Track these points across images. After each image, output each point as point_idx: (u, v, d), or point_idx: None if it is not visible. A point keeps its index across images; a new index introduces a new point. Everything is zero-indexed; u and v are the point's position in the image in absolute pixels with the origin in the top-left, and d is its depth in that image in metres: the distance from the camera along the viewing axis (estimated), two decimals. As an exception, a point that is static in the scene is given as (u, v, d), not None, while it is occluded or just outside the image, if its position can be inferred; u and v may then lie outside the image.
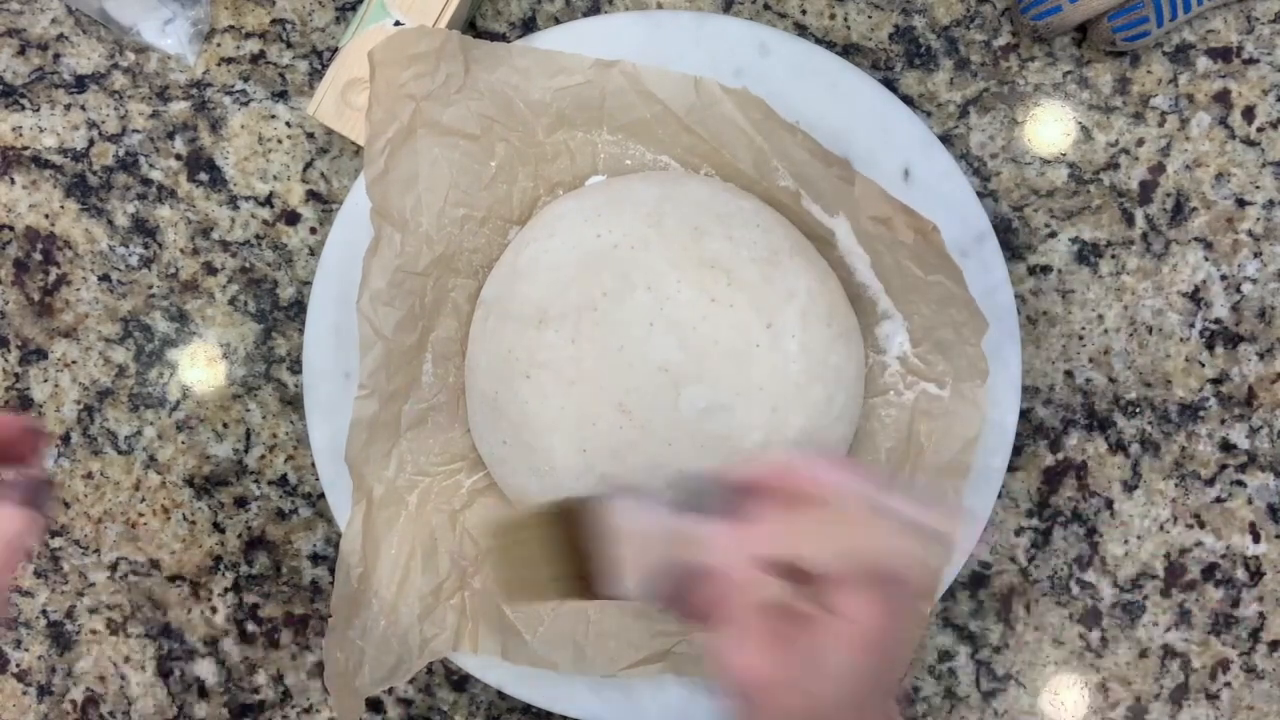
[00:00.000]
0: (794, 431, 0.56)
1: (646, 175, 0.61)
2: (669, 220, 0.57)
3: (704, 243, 0.57)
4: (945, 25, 0.66)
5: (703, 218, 0.57)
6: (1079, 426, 0.66)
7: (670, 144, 0.62)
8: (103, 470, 0.68)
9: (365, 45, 0.61)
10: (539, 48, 0.61)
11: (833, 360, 0.57)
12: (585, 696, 0.63)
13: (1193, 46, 0.66)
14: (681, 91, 0.60)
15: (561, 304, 0.57)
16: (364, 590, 0.60)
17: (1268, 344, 0.66)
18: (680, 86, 0.60)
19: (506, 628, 0.61)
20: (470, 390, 0.61)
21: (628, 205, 0.58)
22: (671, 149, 0.62)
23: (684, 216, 0.57)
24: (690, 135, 0.61)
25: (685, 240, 0.57)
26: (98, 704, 0.69)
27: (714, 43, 0.62)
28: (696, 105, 0.60)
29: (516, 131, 0.61)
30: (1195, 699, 0.67)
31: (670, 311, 0.56)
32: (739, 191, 0.60)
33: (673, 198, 0.58)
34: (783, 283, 0.57)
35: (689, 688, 0.62)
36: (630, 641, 0.61)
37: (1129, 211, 0.66)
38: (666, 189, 0.59)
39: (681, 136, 0.61)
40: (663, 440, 0.56)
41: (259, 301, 0.67)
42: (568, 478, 0.57)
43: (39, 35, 0.67)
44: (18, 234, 0.68)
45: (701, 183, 0.60)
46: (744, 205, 0.59)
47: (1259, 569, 0.67)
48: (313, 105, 0.62)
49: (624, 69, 0.60)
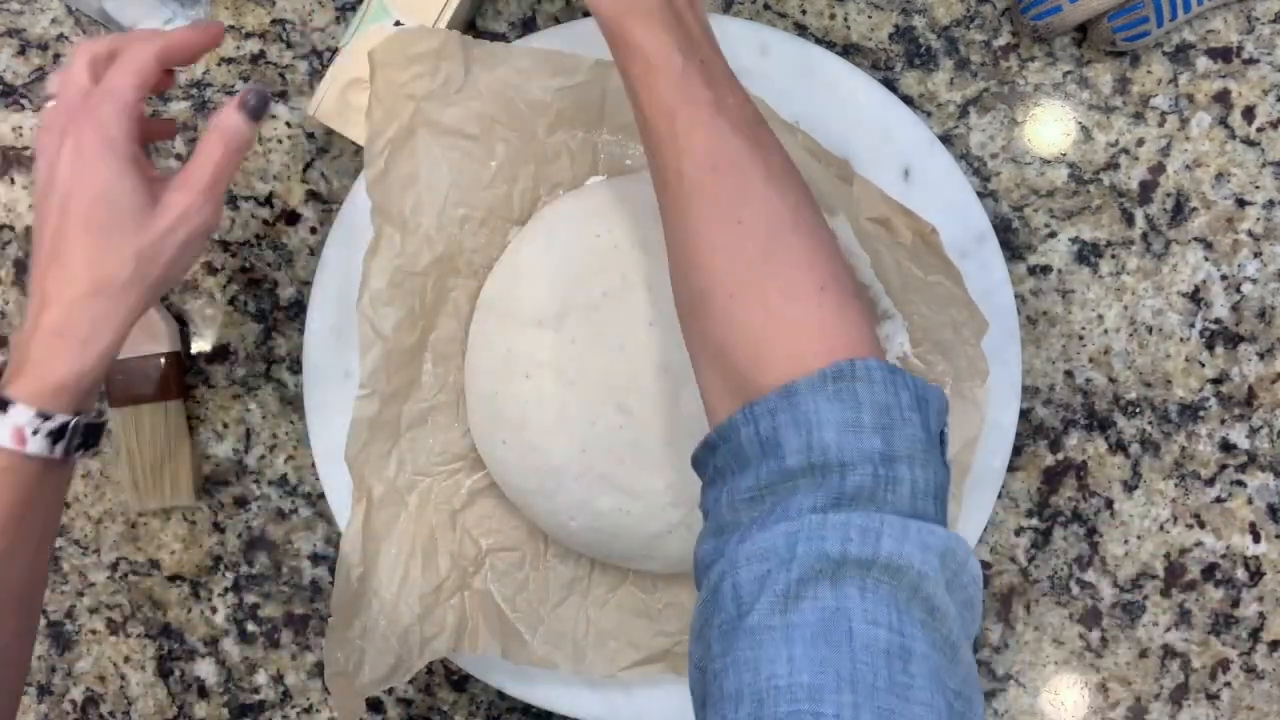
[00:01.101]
0: None
1: (646, 175, 0.61)
2: None
3: None
4: (945, 25, 0.66)
5: None
6: (1079, 426, 0.66)
7: None
8: (102, 470, 0.68)
9: (365, 45, 0.61)
10: (539, 48, 0.61)
11: None
12: (585, 696, 0.63)
13: (1193, 46, 0.66)
14: None
15: (561, 304, 0.57)
16: (364, 590, 0.60)
17: (1268, 344, 0.66)
18: None
19: (506, 628, 0.61)
20: (470, 390, 0.61)
21: (628, 206, 0.58)
22: None
23: None
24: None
25: None
26: (98, 704, 0.69)
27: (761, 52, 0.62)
28: None
29: (516, 131, 0.61)
30: (1195, 699, 0.67)
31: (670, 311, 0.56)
32: None
33: None
34: None
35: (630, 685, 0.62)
36: (630, 641, 0.61)
37: (1129, 211, 0.66)
38: None
39: None
40: (663, 440, 0.56)
41: (259, 301, 0.67)
42: (568, 478, 0.57)
43: (39, 35, 0.67)
44: (18, 234, 0.68)
45: None
46: None
47: (1259, 569, 0.67)
48: (313, 105, 0.62)
49: None
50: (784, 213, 0.45)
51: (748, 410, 0.42)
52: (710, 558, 0.42)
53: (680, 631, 0.61)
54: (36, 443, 0.49)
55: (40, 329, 0.49)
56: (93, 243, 0.50)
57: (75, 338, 0.49)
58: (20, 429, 0.49)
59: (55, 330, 0.49)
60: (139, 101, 0.50)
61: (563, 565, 0.62)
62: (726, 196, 0.45)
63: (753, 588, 0.39)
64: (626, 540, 0.59)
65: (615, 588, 0.62)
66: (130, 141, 0.50)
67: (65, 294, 0.49)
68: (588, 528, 0.58)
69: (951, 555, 0.39)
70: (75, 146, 0.49)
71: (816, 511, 0.39)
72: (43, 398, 0.49)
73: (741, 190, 0.45)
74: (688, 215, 0.46)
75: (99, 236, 0.50)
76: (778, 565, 0.38)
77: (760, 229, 0.44)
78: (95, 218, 0.49)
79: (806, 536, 0.38)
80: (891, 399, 0.41)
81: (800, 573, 0.38)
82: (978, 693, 0.39)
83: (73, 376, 0.49)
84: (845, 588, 0.38)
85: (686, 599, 0.62)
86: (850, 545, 0.38)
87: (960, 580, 0.40)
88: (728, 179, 0.45)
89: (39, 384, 0.49)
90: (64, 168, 0.49)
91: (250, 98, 0.52)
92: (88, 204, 0.49)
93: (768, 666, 0.37)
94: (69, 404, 0.49)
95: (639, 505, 0.57)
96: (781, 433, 0.41)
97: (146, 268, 0.50)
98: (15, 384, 0.49)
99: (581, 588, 0.62)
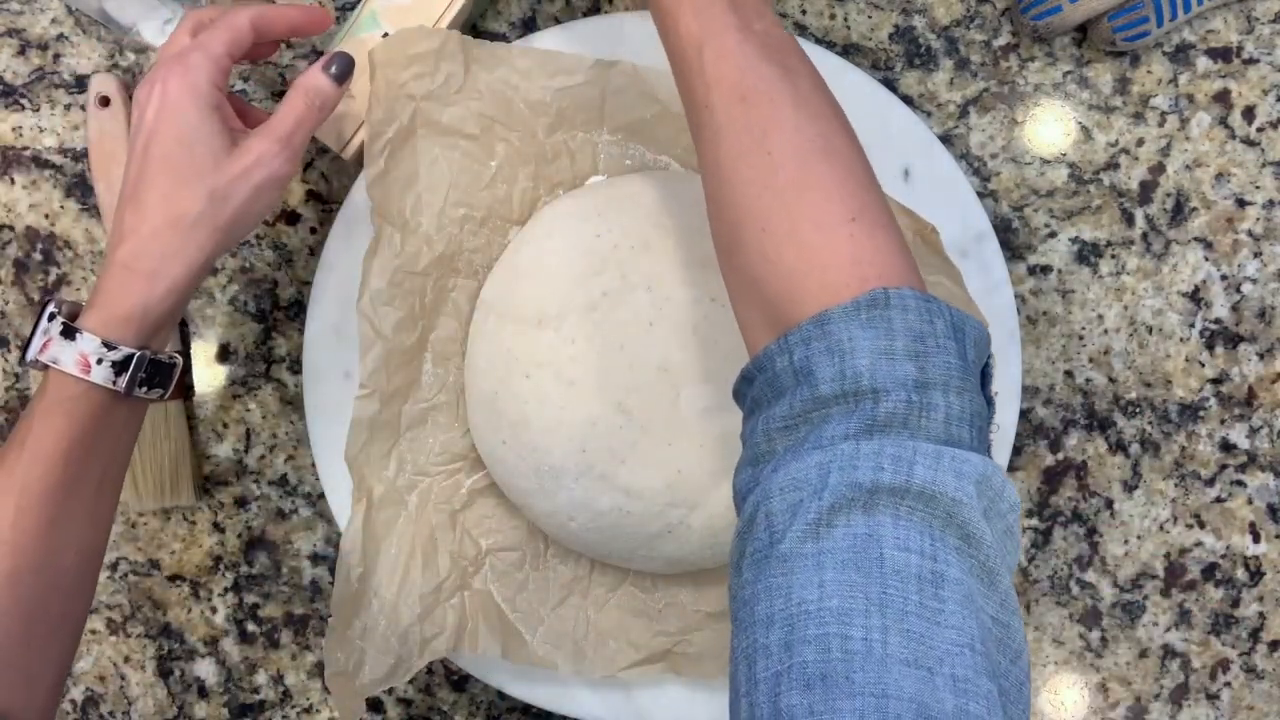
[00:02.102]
0: None
1: (646, 175, 0.61)
2: (669, 220, 0.57)
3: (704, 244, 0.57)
4: (945, 25, 0.66)
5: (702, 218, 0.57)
6: (1079, 426, 0.66)
7: (670, 144, 0.62)
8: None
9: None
10: (539, 48, 0.61)
11: None
12: (585, 696, 0.63)
13: (1193, 46, 0.66)
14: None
15: (561, 304, 0.57)
16: (364, 590, 0.60)
17: (1268, 344, 0.66)
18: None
19: (507, 628, 0.61)
20: (470, 390, 0.61)
21: (628, 205, 0.58)
22: (671, 149, 0.62)
23: (684, 216, 0.57)
24: (690, 136, 0.61)
25: (685, 241, 0.57)
26: (98, 704, 0.69)
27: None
28: None
29: (516, 131, 0.61)
30: (1195, 699, 0.67)
31: (670, 311, 0.56)
32: None
33: (673, 198, 0.58)
34: None
35: (689, 687, 0.62)
36: (630, 641, 0.61)
37: (1129, 211, 0.66)
38: (667, 189, 0.59)
39: (681, 137, 0.61)
40: (663, 440, 0.56)
41: (259, 301, 0.67)
42: (568, 478, 0.57)
43: (39, 35, 0.67)
44: (18, 234, 0.68)
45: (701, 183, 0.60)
46: None
47: (1259, 569, 0.67)
48: None
49: (624, 69, 0.60)
50: (815, 140, 0.44)
51: (782, 340, 0.42)
52: (746, 487, 0.42)
53: (680, 631, 0.61)
54: (100, 372, 0.50)
55: (113, 263, 0.51)
56: (168, 181, 0.52)
57: (143, 270, 0.51)
58: (85, 356, 0.50)
59: (125, 263, 0.51)
60: (227, 56, 0.53)
61: (563, 565, 0.62)
62: (755, 128, 0.45)
63: (785, 517, 0.39)
64: (626, 540, 0.59)
65: (615, 588, 0.62)
66: (215, 90, 0.53)
67: (139, 229, 0.51)
68: (587, 528, 0.58)
69: (987, 482, 0.39)
70: (162, 92, 0.52)
71: (849, 439, 0.39)
72: (109, 328, 0.51)
73: (770, 120, 0.44)
74: (719, 149, 0.46)
75: (175, 175, 0.52)
76: (810, 495, 0.38)
77: (789, 159, 0.44)
78: (173, 158, 0.52)
79: (839, 466, 0.38)
80: (926, 326, 0.41)
81: (832, 501, 0.38)
82: (1017, 619, 0.39)
83: (139, 308, 0.51)
84: (878, 515, 0.38)
85: (686, 599, 0.62)
86: (883, 474, 0.38)
87: (999, 508, 0.39)
88: (756, 109, 0.45)
89: (106, 314, 0.51)
90: (150, 112, 0.52)
91: (335, 60, 0.55)
92: (168, 145, 0.52)
93: (798, 592, 0.37)
94: (135, 337, 0.51)
95: (638, 505, 0.57)
96: (815, 360, 0.41)
97: (218, 207, 0.52)
98: (85, 315, 0.51)
99: (581, 588, 0.62)
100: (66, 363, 0.50)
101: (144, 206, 0.51)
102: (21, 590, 0.50)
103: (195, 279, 0.52)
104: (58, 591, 0.52)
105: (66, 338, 0.50)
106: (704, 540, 0.58)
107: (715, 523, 0.58)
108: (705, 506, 0.57)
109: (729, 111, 0.45)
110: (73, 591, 0.53)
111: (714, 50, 0.46)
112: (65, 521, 0.51)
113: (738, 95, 0.45)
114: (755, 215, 0.44)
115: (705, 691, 0.62)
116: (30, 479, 0.50)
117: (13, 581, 0.49)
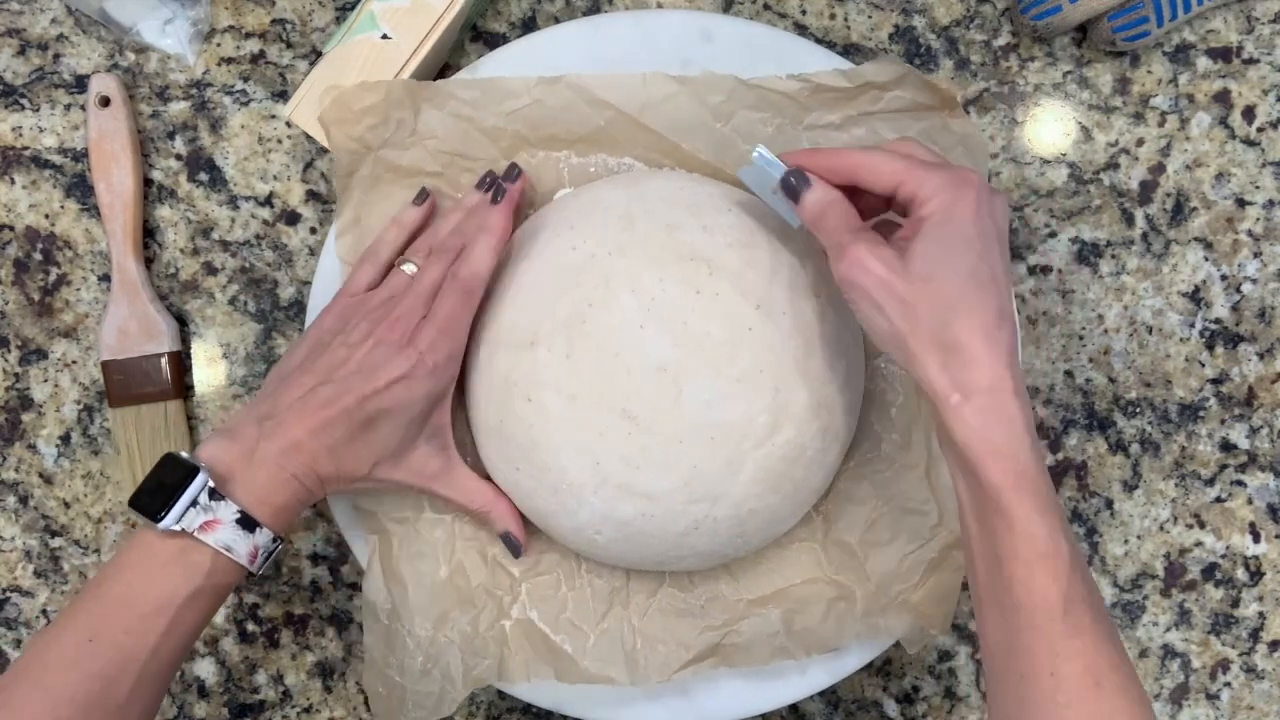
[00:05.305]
0: (800, 407, 0.56)
1: (612, 179, 0.61)
2: (640, 221, 0.57)
3: (679, 236, 0.57)
4: (945, 25, 0.66)
5: (674, 212, 0.57)
6: (1079, 426, 0.66)
7: (630, 145, 0.62)
8: (102, 470, 0.68)
9: (350, 54, 0.61)
10: (480, 78, 0.61)
11: (827, 329, 0.57)
12: (585, 696, 0.63)
13: (1193, 46, 0.66)
14: (632, 92, 0.60)
15: (550, 322, 0.57)
16: (395, 627, 0.60)
17: (1268, 344, 0.66)
18: (630, 87, 0.60)
19: (555, 651, 0.61)
20: (475, 423, 0.60)
21: (597, 213, 0.58)
22: (632, 149, 0.62)
23: (655, 214, 0.57)
24: (648, 134, 0.61)
25: (660, 238, 0.57)
26: (98, 704, 0.69)
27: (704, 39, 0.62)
28: (649, 102, 0.60)
29: (478, 160, 0.61)
30: (1195, 699, 0.67)
31: (658, 311, 0.56)
32: (706, 180, 0.60)
33: (641, 198, 0.58)
34: (764, 262, 0.57)
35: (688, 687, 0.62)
36: (680, 642, 0.61)
37: (1129, 211, 0.66)
38: (633, 190, 0.59)
39: (640, 136, 0.61)
40: (673, 439, 0.56)
41: (259, 301, 0.67)
42: (586, 491, 0.57)
43: (39, 35, 0.67)
44: (18, 234, 0.68)
45: (667, 177, 0.60)
46: (713, 193, 0.59)
47: (1259, 569, 0.67)
48: (289, 108, 0.62)
49: (569, 82, 0.60)
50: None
51: None
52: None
53: (726, 624, 0.61)
54: (258, 563, 0.52)
55: (270, 455, 0.52)
56: (364, 442, 0.54)
57: (304, 486, 0.53)
58: (258, 549, 0.51)
59: (282, 464, 0.52)
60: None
61: (599, 579, 0.62)
62: (1103, 717, 0.43)
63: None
64: (655, 544, 0.58)
65: (654, 592, 0.62)
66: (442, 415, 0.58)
67: (312, 446, 0.53)
68: (615, 538, 0.58)
69: None
70: (427, 374, 0.55)
71: None
72: (277, 520, 0.52)
73: (1121, 714, 0.43)
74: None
75: (371, 444, 0.54)
76: None
77: None
78: (381, 433, 0.54)
79: None
80: None
81: None
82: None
83: (297, 507, 0.53)
84: None
85: (726, 590, 0.62)
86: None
87: None
88: (1110, 700, 0.43)
89: (270, 510, 0.52)
90: (400, 388, 0.54)
91: (508, 540, 0.60)
92: (390, 424, 0.55)
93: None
94: (281, 528, 0.53)
95: (659, 507, 0.57)
96: None
97: (363, 485, 0.56)
98: (256, 506, 0.51)
99: (621, 598, 0.62)
100: (239, 552, 0.50)
101: (332, 439, 0.53)
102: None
103: (314, 499, 0.55)
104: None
105: (245, 528, 0.50)
106: (732, 530, 0.58)
107: (740, 511, 0.57)
108: (727, 497, 0.57)
109: (1081, 693, 0.44)
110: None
111: (1073, 623, 0.44)
112: (152, 664, 0.50)
113: (1093, 679, 0.44)
114: None
115: (758, 679, 0.62)
116: (174, 658, 0.50)
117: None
